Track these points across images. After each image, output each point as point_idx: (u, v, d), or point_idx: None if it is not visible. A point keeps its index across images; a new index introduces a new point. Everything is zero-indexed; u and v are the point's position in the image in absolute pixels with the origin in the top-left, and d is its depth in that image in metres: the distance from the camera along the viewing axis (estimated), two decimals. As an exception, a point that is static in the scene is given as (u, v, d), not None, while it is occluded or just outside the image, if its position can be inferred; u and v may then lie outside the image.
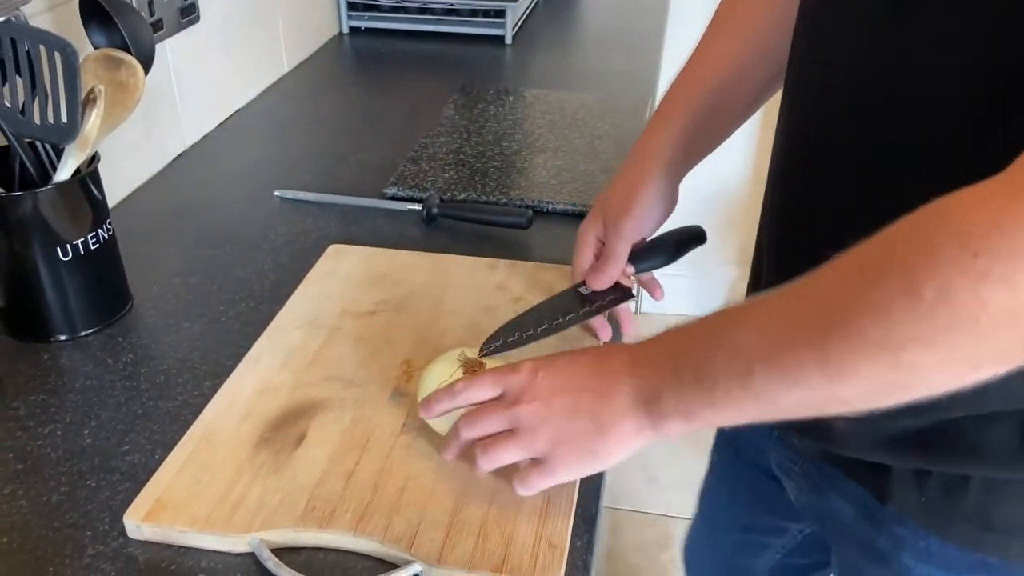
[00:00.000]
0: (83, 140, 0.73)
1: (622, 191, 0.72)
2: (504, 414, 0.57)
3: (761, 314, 0.48)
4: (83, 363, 0.77)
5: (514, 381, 0.58)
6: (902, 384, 0.43)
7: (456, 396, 0.60)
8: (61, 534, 0.60)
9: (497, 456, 0.57)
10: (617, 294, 0.73)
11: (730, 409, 0.49)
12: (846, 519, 0.67)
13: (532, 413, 0.56)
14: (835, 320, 0.44)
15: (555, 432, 0.55)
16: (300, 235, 0.96)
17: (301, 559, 0.58)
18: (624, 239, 0.71)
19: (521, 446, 0.56)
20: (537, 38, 1.66)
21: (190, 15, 1.13)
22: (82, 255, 0.77)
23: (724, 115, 0.74)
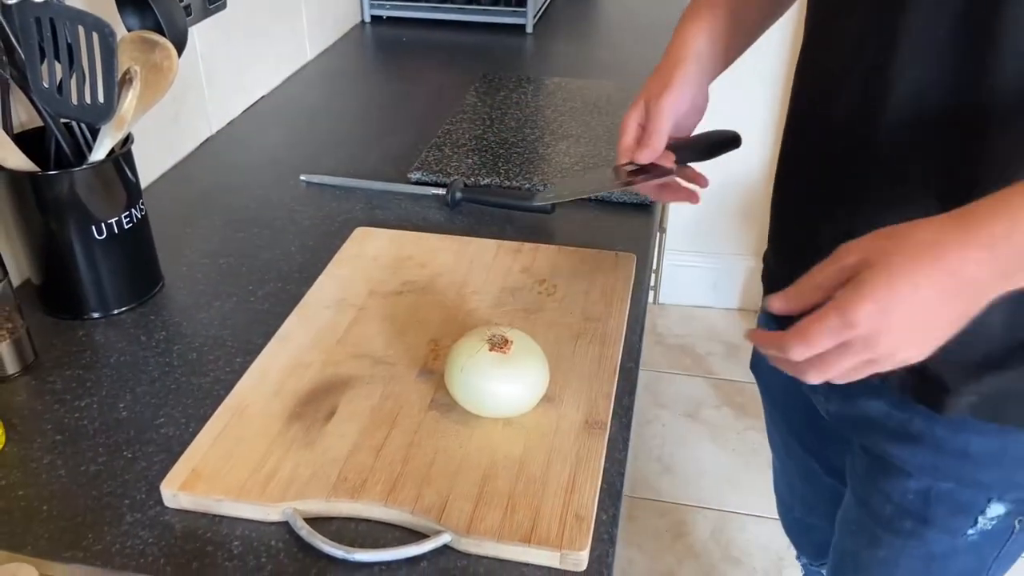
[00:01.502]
0: (119, 120, 0.74)
1: (660, 79, 0.75)
2: (860, 356, 0.53)
3: None
4: (117, 340, 0.79)
5: (861, 331, 0.52)
6: None
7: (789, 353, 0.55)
8: (100, 502, 0.62)
9: (854, 377, 0.55)
10: (659, 171, 0.75)
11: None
12: (877, 414, 0.72)
13: (895, 345, 0.52)
14: None
15: (923, 340, 0.53)
16: (326, 218, 0.98)
17: (333, 528, 0.60)
18: (664, 115, 0.73)
19: (884, 365, 0.54)
20: (558, 27, 1.67)
21: (217, 1, 1.14)
22: (116, 234, 0.79)
23: (744, 22, 0.78)
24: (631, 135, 0.75)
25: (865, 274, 0.52)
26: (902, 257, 0.51)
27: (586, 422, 0.67)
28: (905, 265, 0.51)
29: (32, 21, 0.70)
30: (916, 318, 0.51)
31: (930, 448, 0.70)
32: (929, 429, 0.69)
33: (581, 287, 0.83)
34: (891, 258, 0.51)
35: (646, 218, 0.97)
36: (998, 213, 0.50)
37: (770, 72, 1.83)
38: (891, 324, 0.51)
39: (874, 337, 0.52)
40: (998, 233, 0.49)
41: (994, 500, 0.71)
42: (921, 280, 0.50)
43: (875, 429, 0.73)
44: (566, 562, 0.57)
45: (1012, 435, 0.67)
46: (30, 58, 0.71)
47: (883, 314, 0.51)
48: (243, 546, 0.59)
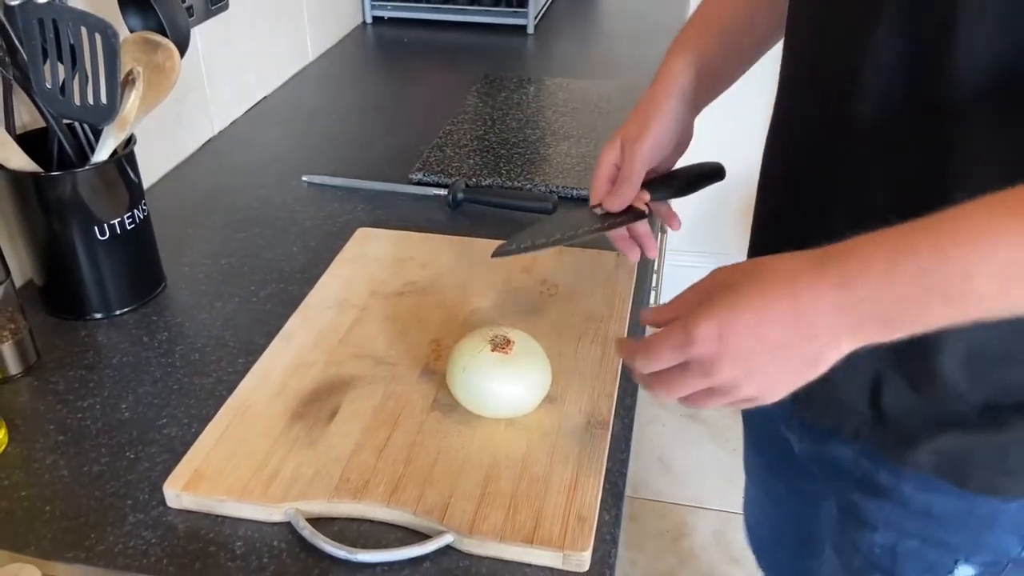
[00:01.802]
0: (122, 121, 0.74)
1: (639, 118, 0.73)
2: (699, 381, 0.52)
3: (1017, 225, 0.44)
4: (119, 340, 0.79)
5: (696, 353, 0.52)
6: None
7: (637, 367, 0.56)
8: (102, 503, 0.62)
9: (703, 405, 0.55)
10: (631, 216, 0.74)
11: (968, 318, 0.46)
12: (845, 461, 0.69)
13: (732, 377, 0.51)
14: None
15: (764, 381, 0.51)
16: (328, 219, 0.98)
17: (335, 529, 0.60)
18: (638, 162, 0.71)
19: (726, 398, 0.53)
20: (559, 27, 1.67)
21: (219, 3, 1.14)
22: (118, 235, 0.79)
23: (737, 52, 0.76)
24: (604, 177, 0.74)
25: (716, 295, 0.51)
26: (754, 285, 0.50)
27: (588, 422, 0.67)
28: (753, 292, 0.50)
29: (35, 22, 0.70)
30: (756, 350, 0.50)
31: (895, 503, 0.67)
32: (895, 483, 0.66)
33: (583, 288, 0.83)
34: (742, 284, 0.51)
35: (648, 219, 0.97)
36: (853, 253, 0.48)
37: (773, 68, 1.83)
38: (729, 350, 0.50)
39: (712, 362, 0.51)
40: (851, 272, 0.47)
41: (961, 562, 0.67)
42: (766, 311, 0.49)
43: (843, 476, 0.71)
44: (568, 563, 0.57)
45: (979, 498, 0.64)
46: (33, 59, 0.72)
47: (721, 338, 0.50)
48: (246, 546, 0.59)
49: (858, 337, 0.49)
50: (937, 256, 0.45)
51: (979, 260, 0.44)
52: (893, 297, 0.46)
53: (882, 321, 0.47)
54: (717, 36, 0.74)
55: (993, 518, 0.64)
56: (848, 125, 0.58)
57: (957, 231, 0.45)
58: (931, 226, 0.46)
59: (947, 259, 0.45)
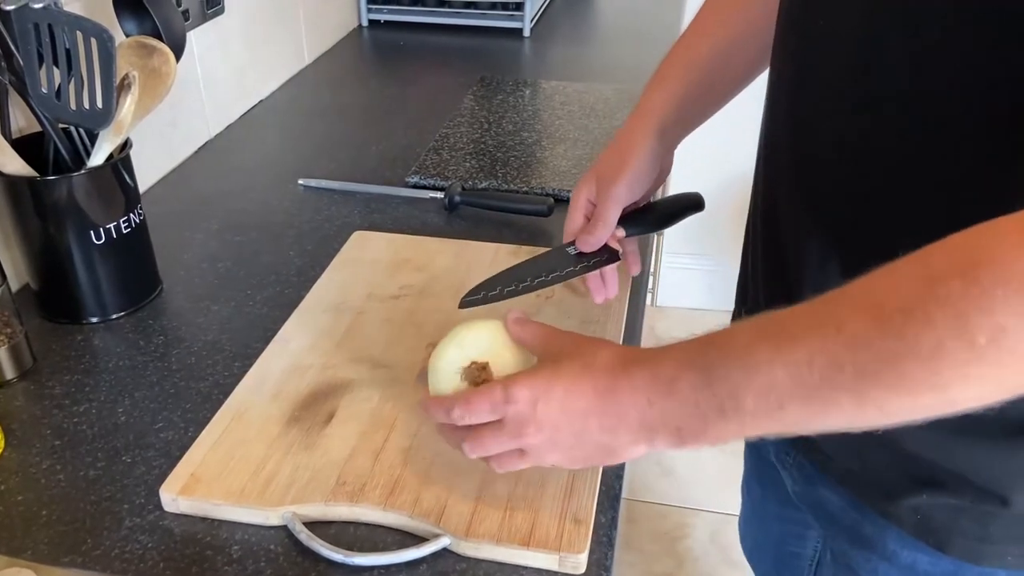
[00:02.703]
0: (118, 125, 0.74)
1: (615, 155, 0.72)
2: (508, 441, 0.55)
3: (788, 349, 0.45)
4: (115, 344, 0.79)
5: (512, 412, 0.54)
6: (938, 410, 0.43)
7: (453, 418, 0.57)
8: (99, 507, 0.62)
9: (510, 468, 0.57)
10: (604, 256, 0.74)
11: (753, 434, 0.48)
12: (834, 508, 0.68)
13: (540, 443, 0.54)
14: (878, 364, 0.41)
15: (566, 455, 0.54)
16: (324, 222, 0.98)
17: (332, 532, 0.60)
18: (614, 203, 0.71)
19: (531, 462, 0.56)
20: (555, 31, 1.67)
21: (215, 6, 1.15)
22: (114, 239, 0.79)
23: (717, 86, 0.75)
24: (579, 214, 0.73)
25: (541, 363, 0.56)
26: (574, 366, 0.53)
27: (584, 425, 0.67)
28: (571, 374, 0.53)
29: (31, 27, 0.70)
30: (562, 424, 0.53)
31: (881, 557, 0.65)
32: (880, 536, 0.64)
33: (579, 290, 0.83)
34: (565, 362, 0.54)
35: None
36: (658, 360, 0.50)
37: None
38: (539, 417, 0.53)
39: (523, 424, 0.53)
40: (647, 379, 0.50)
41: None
42: (578, 394, 0.52)
43: (833, 521, 0.69)
44: (565, 565, 0.57)
45: (964, 564, 0.61)
46: (29, 63, 0.72)
47: (533, 404, 0.53)
48: (242, 550, 0.59)
49: (654, 442, 0.51)
50: (707, 374, 0.47)
51: (742, 381, 0.46)
52: (677, 407, 0.49)
53: (673, 429, 0.50)
54: (697, 71, 0.73)
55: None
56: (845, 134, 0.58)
57: (728, 350, 0.47)
58: (713, 341, 0.48)
59: (716, 378, 0.47)
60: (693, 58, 0.74)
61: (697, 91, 0.73)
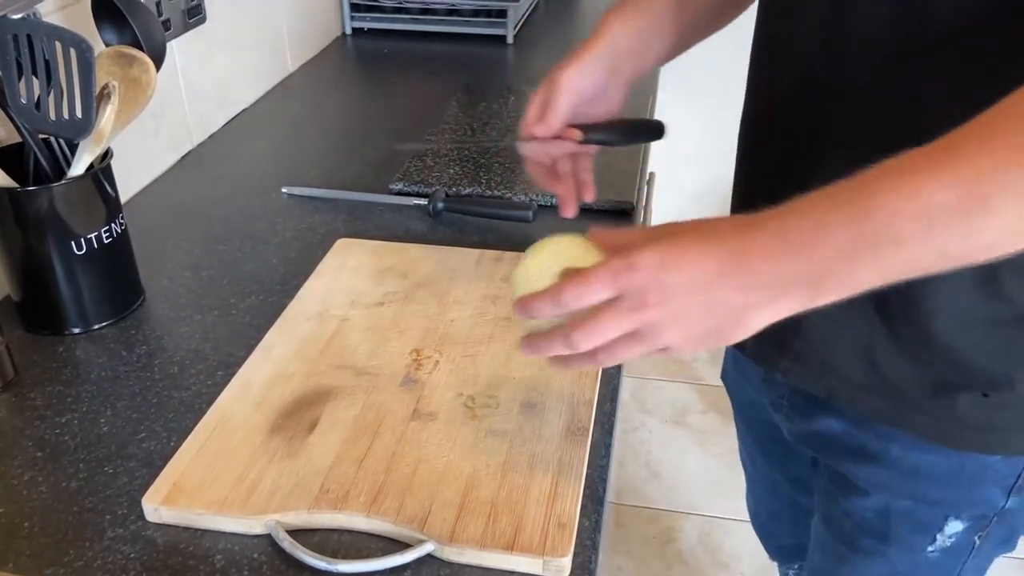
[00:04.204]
0: (98, 135, 0.74)
1: (567, 57, 0.74)
2: (627, 319, 0.51)
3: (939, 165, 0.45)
4: (97, 355, 0.78)
5: (635, 281, 0.50)
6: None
7: (563, 302, 0.52)
8: (81, 518, 0.62)
9: (622, 356, 0.53)
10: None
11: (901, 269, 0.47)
12: (836, 433, 0.72)
13: (663, 318, 0.50)
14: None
15: (688, 331, 0.51)
16: (308, 230, 0.98)
17: (315, 540, 0.60)
18: (561, 89, 0.72)
19: (648, 345, 0.52)
20: (538, 38, 1.68)
21: (196, 15, 1.15)
22: (96, 249, 0.79)
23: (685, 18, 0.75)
24: (533, 112, 0.74)
25: (662, 237, 0.51)
26: (701, 232, 0.51)
27: (568, 429, 0.67)
28: (700, 237, 0.50)
29: (9, 37, 0.70)
30: (692, 288, 0.49)
31: (886, 466, 0.70)
32: (884, 448, 0.69)
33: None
34: (688, 231, 0.51)
35: (627, 225, 0.98)
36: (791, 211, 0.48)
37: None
38: (667, 283, 0.49)
39: (646, 293, 0.50)
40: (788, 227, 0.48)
41: (951, 518, 0.71)
42: (711, 252, 0.49)
43: (834, 447, 0.73)
44: (549, 569, 0.57)
45: (968, 455, 0.67)
46: (7, 74, 0.71)
47: (662, 266, 0.49)
48: (226, 560, 0.58)
49: (789, 298, 0.49)
50: (863, 205, 0.46)
51: (903, 202, 0.45)
52: (826, 249, 0.47)
53: (811, 280, 0.48)
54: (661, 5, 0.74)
55: (981, 473, 0.67)
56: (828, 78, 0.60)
57: (883, 180, 0.46)
58: (861, 179, 0.47)
59: (872, 207, 0.46)
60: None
61: (660, 20, 0.74)
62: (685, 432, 2.00)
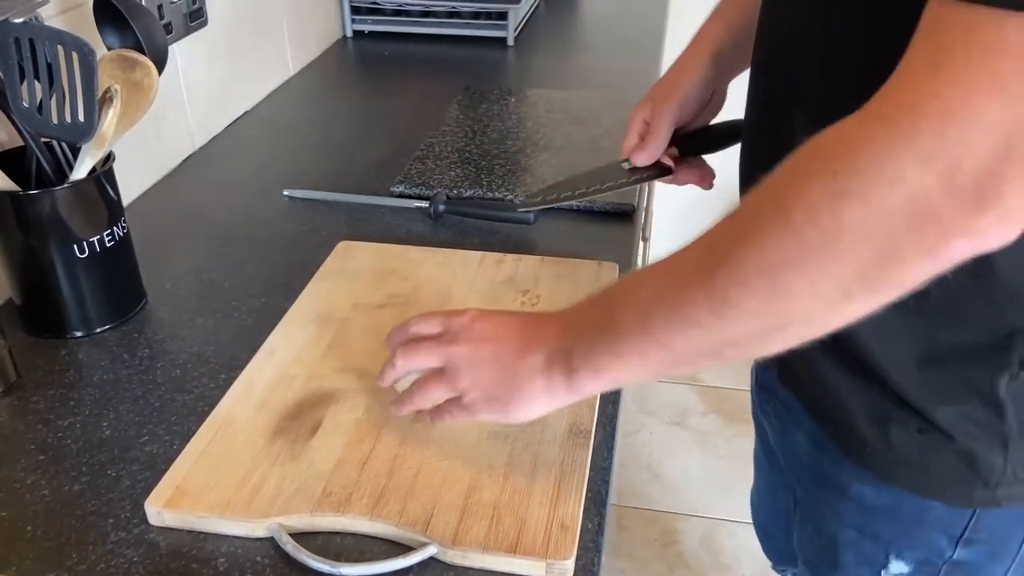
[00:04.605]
0: (100, 139, 0.74)
1: (668, 79, 0.77)
2: (437, 350, 0.61)
3: (662, 264, 0.52)
4: (99, 358, 0.78)
5: (455, 323, 0.61)
6: (782, 318, 0.46)
7: (407, 327, 0.64)
8: (84, 522, 0.62)
9: (426, 391, 0.62)
10: (656, 171, 0.78)
11: (633, 359, 0.52)
12: (803, 450, 0.72)
13: (461, 355, 0.60)
14: (720, 254, 0.47)
15: (476, 376, 0.59)
16: (309, 233, 0.98)
17: (318, 543, 0.60)
18: (666, 119, 0.75)
19: (446, 384, 0.61)
20: (539, 40, 1.68)
21: (198, 19, 1.15)
22: (98, 252, 0.79)
23: None
24: (634, 133, 0.77)
25: None
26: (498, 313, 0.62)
27: (570, 431, 0.67)
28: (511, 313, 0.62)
29: (11, 41, 0.70)
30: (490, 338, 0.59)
31: (836, 492, 0.69)
32: (836, 472, 0.68)
33: (564, 297, 0.83)
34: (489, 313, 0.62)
35: (628, 227, 0.98)
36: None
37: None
38: (475, 330, 0.60)
39: (458, 334, 0.60)
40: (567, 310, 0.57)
41: (893, 557, 0.68)
42: (511, 319, 0.61)
43: (800, 466, 0.74)
44: (552, 571, 0.57)
45: (906, 493, 0.65)
46: (10, 78, 0.71)
47: (473, 320, 0.60)
48: (229, 563, 0.58)
49: (551, 371, 0.56)
50: (608, 294, 0.55)
51: (620, 296, 0.54)
52: (572, 330, 0.56)
53: (565, 353, 0.55)
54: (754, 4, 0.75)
55: (921, 515, 0.65)
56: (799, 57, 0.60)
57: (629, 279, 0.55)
58: (619, 282, 0.56)
59: (610, 297, 0.55)
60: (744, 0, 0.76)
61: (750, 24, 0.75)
62: (686, 434, 2.00)
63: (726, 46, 0.75)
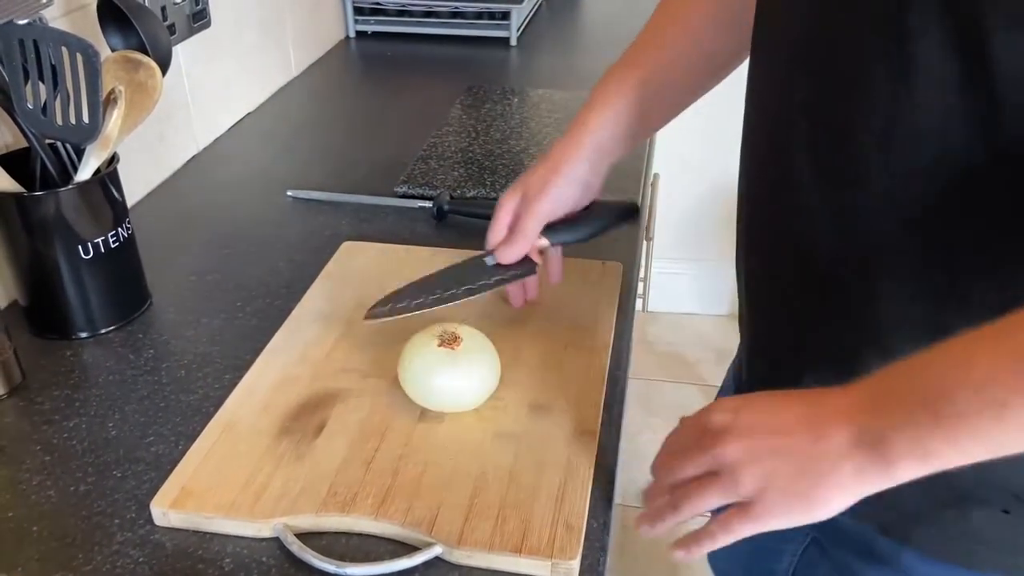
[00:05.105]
0: (104, 140, 0.75)
1: (543, 172, 0.73)
2: (705, 454, 0.52)
3: (1010, 339, 0.44)
4: (104, 359, 0.79)
5: (714, 421, 0.53)
6: None
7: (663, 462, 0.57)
8: (90, 522, 0.62)
9: (699, 499, 0.53)
10: (521, 269, 0.74)
11: (975, 446, 0.45)
12: (842, 523, 0.65)
13: (737, 452, 0.51)
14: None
15: (764, 472, 0.50)
16: (313, 233, 0.98)
17: (323, 543, 0.60)
18: (535, 218, 0.72)
19: (724, 488, 0.52)
20: (541, 40, 1.68)
21: (201, 20, 1.15)
22: (102, 254, 0.79)
23: (656, 105, 0.75)
24: (501, 226, 0.74)
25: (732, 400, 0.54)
26: (767, 393, 0.53)
27: (576, 431, 0.67)
28: (773, 393, 0.53)
29: (16, 43, 0.70)
30: (765, 430, 0.51)
31: (896, 571, 0.64)
32: (896, 552, 0.63)
33: (568, 297, 0.83)
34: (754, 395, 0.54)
35: (632, 227, 0.98)
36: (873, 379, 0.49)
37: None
38: (741, 423, 0.51)
39: (721, 433, 0.51)
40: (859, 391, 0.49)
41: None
42: (784, 400, 0.52)
43: (839, 538, 0.68)
44: (557, 571, 0.57)
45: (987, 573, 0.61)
46: (14, 79, 0.72)
47: (737, 411, 0.52)
48: (234, 563, 0.58)
49: (862, 460, 0.48)
50: (920, 375, 0.47)
51: (958, 377, 0.45)
52: (885, 414, 0.47)
53: (878, 440, 0.47)
54: (639, 86, 0.73)
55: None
56: None
57: (940, 354, 0.46)
58: (932, 353, 0.47)
59: (929, 376, 0.46)
60: (631, 81, 0.74)
61: (635, 113, 0.73)
62: (690, 433, 2.00)
63: (608, 139, 0.72)
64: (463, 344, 0.68)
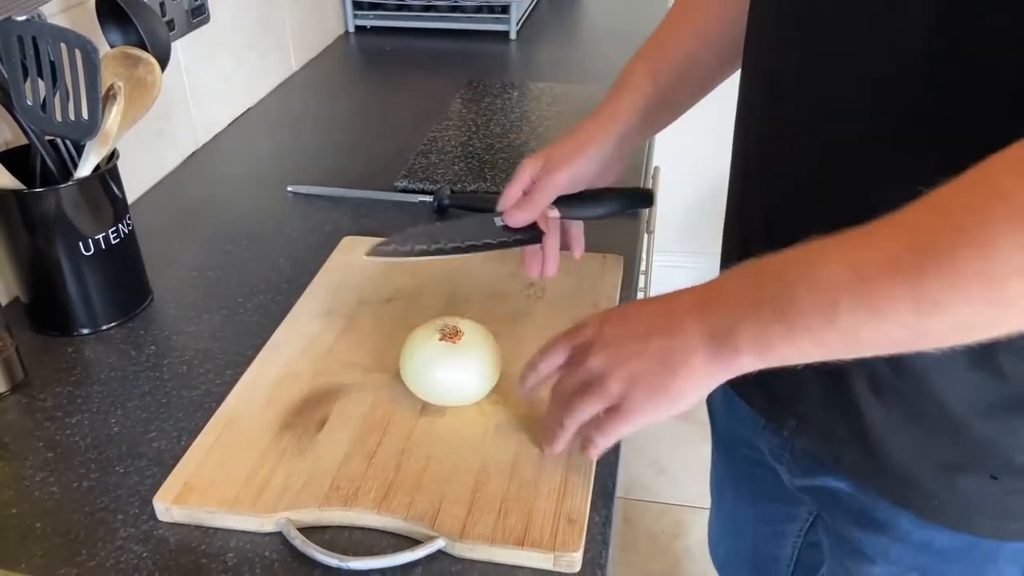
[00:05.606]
0: (104, 136, 0.75)
1: (570, 144, 0.73)
2: (577, 370, 0.58)
3: (850, 247, 0.46)
4: (106, 355, 0.79)
5: (581, 336, 0.59)
6: (993, 319, 0.43)
7: (538, 367, 0.62)
8: (93, 518, 0.62)
9: (580, 410, 0.58)
10: (528, 235, 0.74)
11: (808, 343, 0.48)
12: (841, 493, 0.68)
13: (602, 361, 0.56)
14: (931, 254, 0.42)
15: (629, 374, 0.55)
16: (314, 229, 0.98)
17: (326, 537, 0.60)
18: (551, 188, 0.72)
19: (597, 395, 0.57)
20: (541, 33, 1.68)
21: (200, 16, 1.15)
22: (103, 250, 0.79)
23: (678, 95, 0.76)
24: (518, 186, 0.74)
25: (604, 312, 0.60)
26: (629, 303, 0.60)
27: (577, 424, 0.67)
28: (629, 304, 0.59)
29: (15, 39, 0.70)
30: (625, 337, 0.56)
31: (894, 538, 0.65)
32: (894, 518, 0.64)
33: (570, 291, 0.83)
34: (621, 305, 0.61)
35: (633, 220, 0.98)
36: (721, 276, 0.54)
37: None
38: (605, 335, 0.57)
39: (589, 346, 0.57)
40: (711, 286, 0.53)
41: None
42: (640, 307, 0.57)
43: (839, 508, 0.69)
44: (559, 564, 0.57)
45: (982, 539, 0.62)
46: (13, 76, 0.72)
47: (601, 323, 0.58)
48: (237, 558, 0.59)
49: (711, 348, 0.52)
50: (772, 271, 0.49)
51: (797, 275, 0.48)
52: (731, 309, 0.51)
53: (728, 333, 0.51)
54: (664, 73, 0.74)
55: (994, 552, 0.63)
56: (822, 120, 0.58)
57: (796, 255, 0.49)
58: (784, 253, 0.49)
59: (778, 274, 0.49)
60: (657, 68, 0.75)
61: (658, 99, 0.74)
62: (691, 428, 2.00)
63: (633, 125, 0.73)
64: (464, 338, 0.68)
